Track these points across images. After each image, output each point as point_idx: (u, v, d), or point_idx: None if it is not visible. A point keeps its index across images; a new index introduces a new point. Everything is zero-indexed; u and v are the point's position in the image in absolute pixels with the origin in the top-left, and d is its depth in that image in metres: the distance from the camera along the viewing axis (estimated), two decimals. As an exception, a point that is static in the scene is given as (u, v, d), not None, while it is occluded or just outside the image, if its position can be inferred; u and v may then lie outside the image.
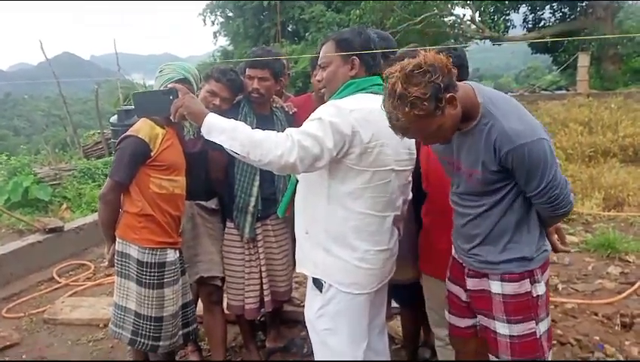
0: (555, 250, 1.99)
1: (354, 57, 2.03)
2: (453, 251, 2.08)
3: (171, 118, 2.02)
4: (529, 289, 1.85)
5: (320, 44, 2.17)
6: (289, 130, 1.85)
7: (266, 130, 1.89)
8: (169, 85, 2.36)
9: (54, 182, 7.51)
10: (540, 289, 1.87)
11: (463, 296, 2.02)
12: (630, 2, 23.21)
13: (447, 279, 2.11)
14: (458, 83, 1.69)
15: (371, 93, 2.00)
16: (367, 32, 2.10)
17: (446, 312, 2.14)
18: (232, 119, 1.92)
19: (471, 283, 1.96)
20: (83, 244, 5.44)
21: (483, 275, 1.91)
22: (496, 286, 1.87)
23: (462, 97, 1.68)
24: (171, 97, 2.04)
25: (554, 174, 1.70)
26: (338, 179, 1.95)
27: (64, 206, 6.98)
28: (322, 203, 1.99)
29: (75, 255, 5.28)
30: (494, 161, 1.71)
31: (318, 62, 2.14)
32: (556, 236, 2.00)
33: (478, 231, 1.88)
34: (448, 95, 1.59)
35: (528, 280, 1.85)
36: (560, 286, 4.02)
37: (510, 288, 1.84)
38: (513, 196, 1.79)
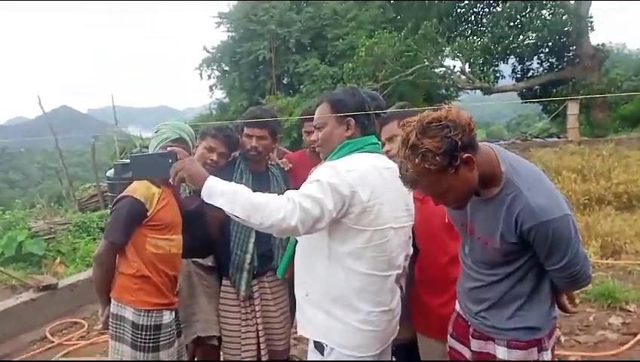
0: (564, 310, 1.94)
1: (349, 118, 2.06)
2: (457, 307, 2.03)
3: (170, 181, 2.01)
4: (536, 358, 1.78)
5: (314, 105, 2.22)
6: (289, 193, 1.85)
7: (266, 193, 1.90)
8: (167, 147, 2.37)
9: (49, 236, 7.45)
10: (547, 356, 1.80)
11: (467, 355, 1.96)
12: (616, 51, 23.95)
13: (449, 336, 2.06)
14: (482, 146, 1.64)
15: (367, 152, 2.03)
16: (360, 93, 2.15)
17: None
18: (232, 182, 1.91)
19: (476, 345, 1.89)
20: (77, 301, 5.33)
21: (489, 338, 1.84)
22: (502, 352, 1.80)
23: (483, 162, 1.62)
24: (170, 160, 2.03)
25: (576, 250, 1.65)
26: (338, 240, 1.94)
27: (58, 260, 6.91)
28: (322, 264, 1.98)
29: (69, 312, 5.17)
30: (514, 234, 1.65)
31: (314, 123, 2.17)
32: (565, 297, 1.93)
33: (488, 296, 1.82)
34: (465, 155, 1.52)
35: (536, 348, 1.78)
36: (562, 339, 3.96)
37: (517, 355, 1.77)
38: (529, 266, 1.74)
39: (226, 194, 1.84)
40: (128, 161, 2.24)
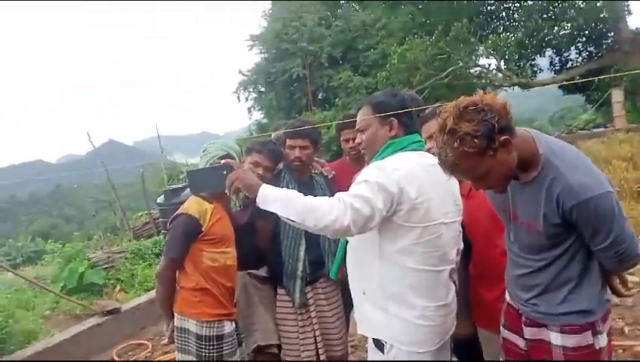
0: (617, 294, 1.90)
1: (392, 118, 2.10)
2: (507, 297, 2.03)
3: (227, 191, 2.09)
4: (591, 342, 1.75)
5: (356, 108, 2.27)
6: (339, 195, 1.90)
7: (318, 197, 1.96)
8: (216, 162, 2.49)
9: (107, 266, 7.73)
10: (603, 341, 1.77)
11: (521, 344, 1.94)
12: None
13: (501, 326, 2.05)
14: (519, 130, 1.66)
15: (411, 150, 2.07)
16: (400, 93, 2.20)
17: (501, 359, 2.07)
18: (284, 188, 1.99)
19: (529, 333, 1.88)
20: (140, 324, 5.53)
21: (542, 325, 1.83)
22: (556, 338, 1.79)
23: (520, 145, 1.63)
24: (225, 172, 2.11)
25: (622, 228, 1.63)
26: (388, 238, 1.97)
27: (118, 288, 7.17)
28: (375, 262, 2.01)
29: (133, 335, 5.36)
30: (557, 215, 1.65)
31: (357, 126, 2.21)
32: (617, 280, 1.89)
33: (537, 282, 1.81)
34: (503, 137, 1.55)
35: (590, 331, 1.75)
36: (626, 329, 3.84)
37: (572, 340, 1.76)
38: (576, 248, 1.73)
39: (279, 200, 1.91)
40: (178, 183, 2.34)
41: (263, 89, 26.14)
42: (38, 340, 4.87)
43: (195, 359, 2.46)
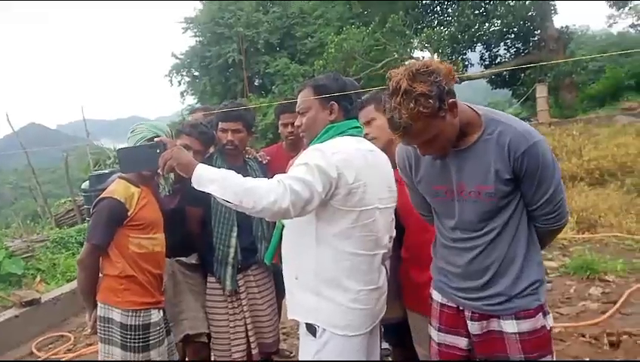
0: None
1: (332, 102, 2.08)
2: (438, 298, 2.00)
3: (159, 171, 1.99)
4: (544, 324, 1.79)
5: (297, 91, 2.23)
6: (278, 176, 1.86)
7: (256, 178, 1.91)
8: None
9: (27, 255, 7.29)
10: (550, 320, 1.83)
11: (462, 344, 1.92)
12: (580, 33, 24.42)
13: (435, 331, 2.00)
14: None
15: (349, 136, 2.06)
16: (342, 78, 2.19)
17: None
18: (221, 169, 1.92)
19: (477, 327, 1.86)
20: (61, 315, 5.27)
21: (490, 316, 1.82)
22: (509, 326, 1.79)
23: (459, 110, 1.67)
24: (158, 150, 2.02)
25: (559, 177, 1.70)
26: (325, 221, 1.96)
27: (38, 278, 6.78)
28: (312, 246, 1.99)
29: (54, 326, 5.10)
30: (508, 167, 1.68)
31: (297, 109, 2.18)
32: None
33: (490, 261, 1.80)
34: (451, 100, 1.59)
35: (541, 313, 1.79)
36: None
37: (527, 325, 1.77)
38: (519, 214, 1.77)
39: (216, 181, 1.84)
40: (107, 170, 2.22)
41: (197, 73, 25.55)
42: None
43: (119, 349, 2.35)
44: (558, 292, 4.45)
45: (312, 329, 2.03)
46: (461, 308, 1.91)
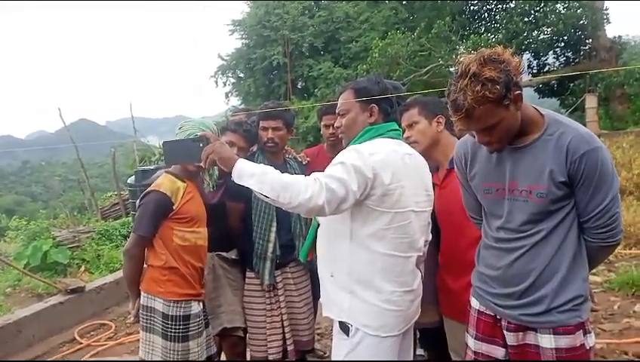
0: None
1: (373, 105, 2.10)
2: (476, 306, 1.96)
3: (202, 164, 2.04)
4: (583, 342, 1.73)
5: (338, 93, 2.26)
6: (315, 174, 1.89)
7: (294, 175, 1.94)
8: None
9: (73, 245, 7.56)
10: (591, 340, 1.76)
11: (500, 354, 1.87)
12: (633, 43, 23.57)
13: (472, 339, 1.96)
14: None
15: (388, 138, 2.07)
16: (383, 81, 2.20)
17: None
18: (260, 164, 1.96)
19: (513, 339, 1.81)
20: (104, 304, 5.45)
21: (527, 328, 1.77)
22: (546, 341, 1.73)
23: (523, 107, 1.66)
24: (201, 145, 2.07)
25: (617, 188, 1.65)
26: (360, 221, 1.98)
27: (82, 268, 7.02)
28: (345, 245, 2.02)
29: (96, 315, 5.29)
30: (564, 168, 1.65)
31: (337, 110, 2.21)
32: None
33: (532, 267, 1.74)
34: (517, 92, 1.59)
35: (582, 331, 1.73)
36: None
37: (565, 342, 1.71)
38: (569, 222, 1.71)
39: (255, 175, 1.88)
40: (152, 166, 2.28)
41: (242, 75, 25.87)
42: (-3, 316, 4.75)
43: (159, 338, 2.43)
44: (602, 308, 4.30)
45: (345, 327, 2.05)
46: (498, 316, 1.86)
